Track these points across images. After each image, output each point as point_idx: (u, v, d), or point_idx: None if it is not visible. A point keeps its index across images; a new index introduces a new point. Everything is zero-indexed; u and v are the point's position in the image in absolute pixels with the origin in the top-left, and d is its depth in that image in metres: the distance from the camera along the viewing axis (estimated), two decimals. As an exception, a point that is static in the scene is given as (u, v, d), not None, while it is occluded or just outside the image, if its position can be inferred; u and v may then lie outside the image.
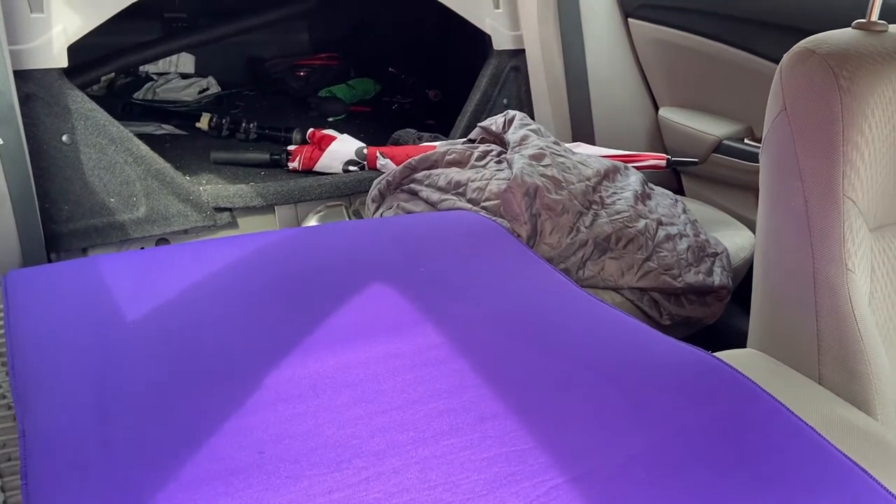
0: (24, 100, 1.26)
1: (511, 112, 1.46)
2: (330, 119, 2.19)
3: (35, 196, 1.23)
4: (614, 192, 1.27)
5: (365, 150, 1.71)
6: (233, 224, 1.53)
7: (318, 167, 1.73)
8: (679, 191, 1.74)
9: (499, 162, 1.39)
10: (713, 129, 1.60)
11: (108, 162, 1.35)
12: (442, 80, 2.40)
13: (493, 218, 1.24)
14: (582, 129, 1.75)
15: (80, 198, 1.32)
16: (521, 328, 0.91)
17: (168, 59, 2.23)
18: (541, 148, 1.27)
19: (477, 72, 1.88)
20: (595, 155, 1.47)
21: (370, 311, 0.92)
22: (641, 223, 1.23)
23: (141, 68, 2.20)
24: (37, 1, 1.28)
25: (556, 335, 0.90)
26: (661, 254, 1.21)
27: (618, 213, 1.22)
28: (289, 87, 2.32)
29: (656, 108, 1.77)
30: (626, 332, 0.91)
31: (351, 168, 1.71)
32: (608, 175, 1.30)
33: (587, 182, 1.24)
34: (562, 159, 1.26)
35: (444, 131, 1.93)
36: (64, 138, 1.31)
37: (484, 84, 1.82)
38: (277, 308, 0.90)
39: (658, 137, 1.76)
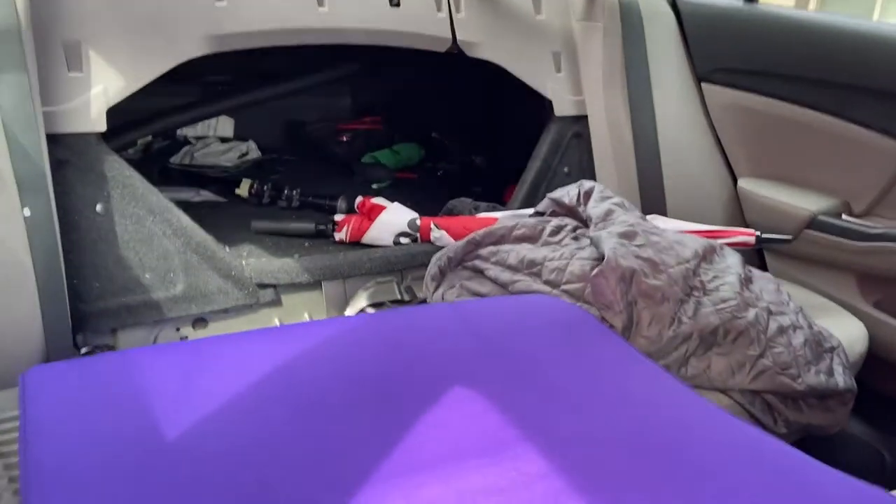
0: (56, 166, 1.15)
1: (587, 183, 1.32)
2: (374, 186, 2.07)
3: (63, 272, 1.10)
4: (715, 276, 1.11)
5: (418, 221, 1.58)
6: (276, 302, 1.38)
7: (367, 239, 1.59)
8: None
9: (575, 238, 1.24)
10: (804, 202, 1.45)
11: (145, 234, 1.22)
12: (487, 146, 2.29)
13: (578, 304, 1.08)
14: (653, 201, 1.60)
15: (113, 273, 1.19)
16: (644, 449, 0.74)
17: (207, 122, 2.15)
18: (630, 225, 1.12)
19: (527, 137, 1.76)
20: (675, 230, 1.32)
21: (455, 426, 0.76)
22: (751, 313, 1.06)
23: (178, 132, 2.11)
24: (75, 59, 1.18)
25: (688, 459, 0.73)
26: (776, 349, 1.04)
27: (723, 300, 1.06)
28: (331, 153, 2.22)
29: (734, 179, 1.63)
30: (773, 458, 0.74)
31: (402, 240, 1.57)
32: (706, 256, 1.14)
33: (686, 264, 1.09)
34: (656, 238, 1.11)
35: (493, 199, 1.80)
36: (98, 208, 1.18)
37: (544, 152, 1.70)
38: (343, 423, 0.74)
39: (737, 211, 1.62)
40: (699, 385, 1.03)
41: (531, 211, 1.44)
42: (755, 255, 1.60)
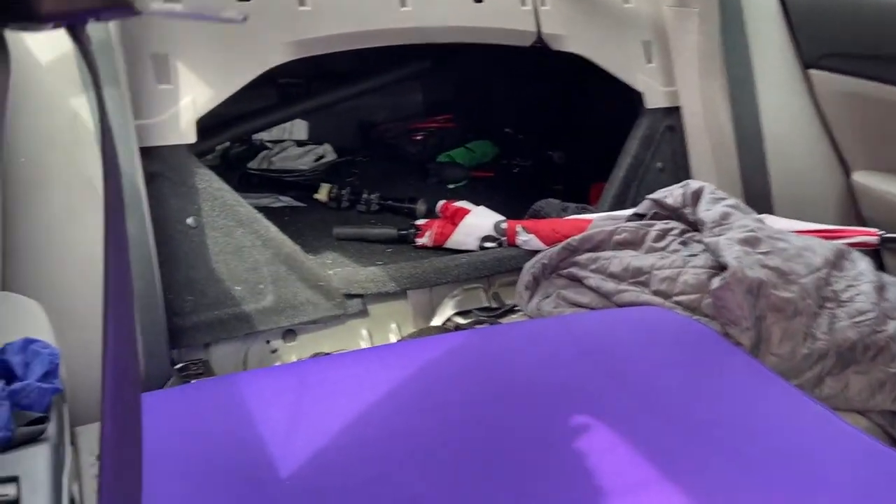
0: (149, 179, 1.13)
1: (693, 182, 1.23)
2: (451, 186, 2.02)
3: (159, 287, 1.08)
4: (849, 285, 1.01)
5: (504, 225, 1.52)
6: (363, 312, 1.34)
7: (450, 243, 1.54)
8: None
9: (683, 244, 1.16)
10: (931, 197, 1.33)
11: (234, 246, 1.20)
12: (565, 142, 2.21)
13: (694, 317, 1.00)
14: (758, 199, 1.49)
15: (205, 287, 1.17)
16: (803, 489, 0.66)
17: (282, 126, 2.13)
18: (752, 230, 1.03)
19: (611, 132, 1.67)
20: (790, 231, 1.22)
21: (584, 463, 0.69)
22: (891, 326, 0.96)
23: (255, 136, 2.11)
24: (164, 71, 1.16)
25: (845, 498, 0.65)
26: (922, 366, 0.94)
27: (860, 312, 0.97)
28: (405, 153, 2.17)
29: (847, 173, 1.51)
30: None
31: (487, 245, 1.51)
32: (837, 262, 1.05)
33: (818, 273, 0.99)
34: (782, 244, 1.02)
35: (575, 198, 1.72)
36: (189, 221, 1.17)
37: (635, 147, 1.61)
38: (457, 462, 0.68)
39: (851, 207, 1.49)
40: (836, 407, 0.93)
41: (628, 213, 1.36)
42: (872, 256, 1.48)
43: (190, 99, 1.17)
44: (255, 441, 0.71)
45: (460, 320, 1.40)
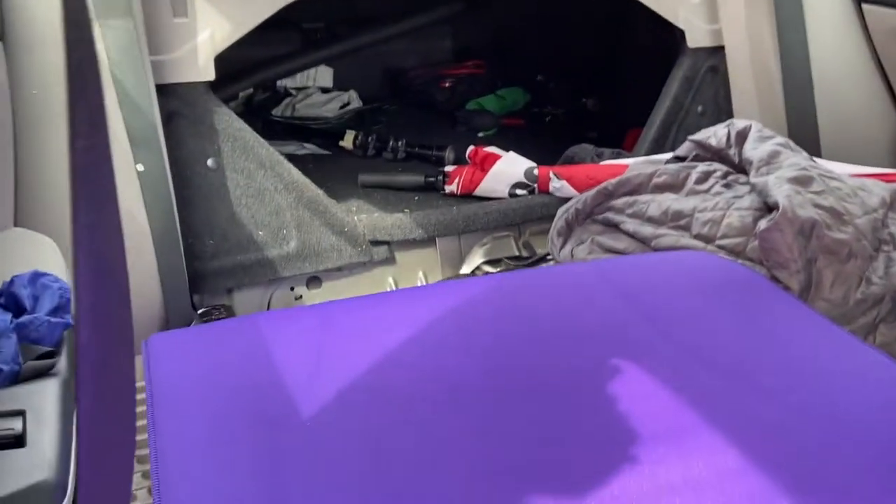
0: (167, 119, 1.09)
1: (738, 122, 1.16)
2: (480, 134, 1.95)
3: (179, 230, 1.05)
4: (909, 228, 0.94)
5: (535, 171, 1.46)
6: (390, 259, 1.31)
7: (480, 191, 1.48)
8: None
9: (727, 186, 1.09)
10: None
11: (256, 189, 1.16)
12: (600, 87, 2.12)
13: (738, 261, 0.94)
14: (804, 142, 1.40)
15: (227, 231, 1.14)
16: (852, 440, 0.61)
17: (306, 72, 2.07)
18: (803, 168, 0.96)
19: (650, 75, 1.58)
20: (847, 174, 1.14)
21: (624, 409, 0.65)
22: (954, 271, 0.89)
23: (279, 83, 2.05)
24: (180, 3, 1.11)
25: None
26: None
27: (921, 256, 0.90)
28: (433, 100, 2.11)
29: (903, 115, 1.41)
30: None
31: (518, 192, 1.46)
32: (893, 204, 0.97)
33: (874, 214, 0.92)
34: (836, 183, 0.95)
35: (612, 144, 1.65)
36: (209, 162, 1.13)
37: (675, 89, 1.52)
38: (497, 410, 0.64)
39: (906, 151, 1.40)
40: (891, 355, 0.87)
41: (667, 156, 1.29)
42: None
43: (208, 34, 1.12)
44: (276, 382, 0.68)
45: (490, 269, 1.36)
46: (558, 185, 1.42)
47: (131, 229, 0.98)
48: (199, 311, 1.11)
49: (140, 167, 0.99)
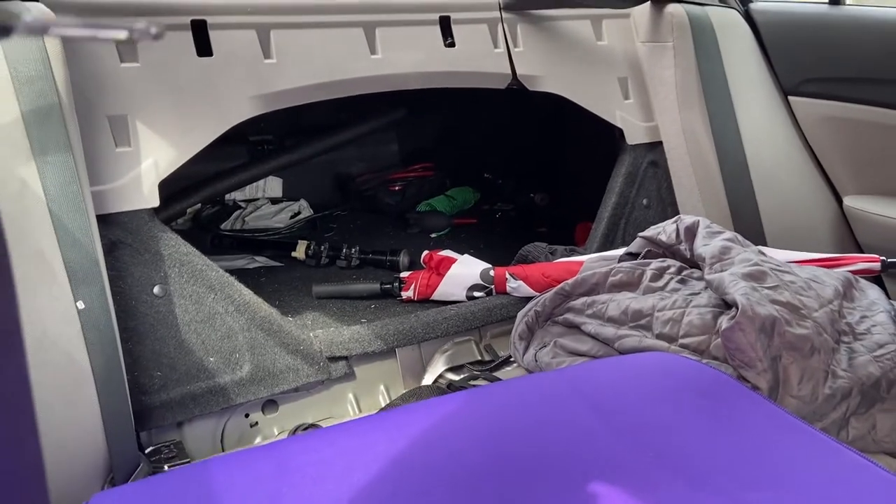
0: (109, 248, 1.05)
1: (686, 217, 1.18)
2: (433, 235, 1.96)
3: (123, 366, 1.00)
4: (863, 316, 0.95)
5: (491, 272, 1.45)
6: (349, 375, 1.26)
7: (437, 295, 1.47)
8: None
9: (682, 282, 1.09)
10: (929, 217, 1.29)
11: (206, 314, 1.12)
12: (546, 183, 2.17)
13: (703, 360, 0.94)
14: (748, 230, 1.45)
15: (175, 361, 1.08)
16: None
17: (255, 184, 2.07)
18: (755, 263, 0.97)
19: (593, 170, 1.63)
20: (788, 262, 1.16)
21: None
22: (914, 357, 0.90)
23: (227, 196, 2.04)
24: (122, 134, 1.09)
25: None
26: (951, 399, 0.87)
27: (879, 345, 0.90)
28: (384, 204, 2.12)
29: (838, 199, 1.47)
30: None
31: (476, 294, 1.44)
32: (846, 293, 0.99)
33: (830, 306, 0.93)
34: (789, 277, 0.96)
35: (561, 239, 1.67)
36: (155, 290, 1.09)
37: (619, 184, 1.56)
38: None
39: (846, 233, 1.45)
40: (865, 450, 0.86)
41: (619, 252, 1.31)
42: (872, 282, 1.43)
43: (151, 161, 1.10)
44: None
45: (453, 377, 1.32)
46: (515, 286, 1.41)
47: (70, 373, 0.92)
48: (147, 451, 1.03)
49: (80, 304, 0.94)
